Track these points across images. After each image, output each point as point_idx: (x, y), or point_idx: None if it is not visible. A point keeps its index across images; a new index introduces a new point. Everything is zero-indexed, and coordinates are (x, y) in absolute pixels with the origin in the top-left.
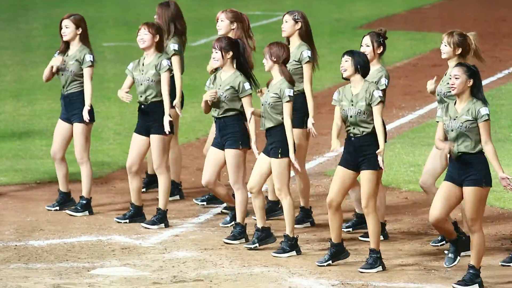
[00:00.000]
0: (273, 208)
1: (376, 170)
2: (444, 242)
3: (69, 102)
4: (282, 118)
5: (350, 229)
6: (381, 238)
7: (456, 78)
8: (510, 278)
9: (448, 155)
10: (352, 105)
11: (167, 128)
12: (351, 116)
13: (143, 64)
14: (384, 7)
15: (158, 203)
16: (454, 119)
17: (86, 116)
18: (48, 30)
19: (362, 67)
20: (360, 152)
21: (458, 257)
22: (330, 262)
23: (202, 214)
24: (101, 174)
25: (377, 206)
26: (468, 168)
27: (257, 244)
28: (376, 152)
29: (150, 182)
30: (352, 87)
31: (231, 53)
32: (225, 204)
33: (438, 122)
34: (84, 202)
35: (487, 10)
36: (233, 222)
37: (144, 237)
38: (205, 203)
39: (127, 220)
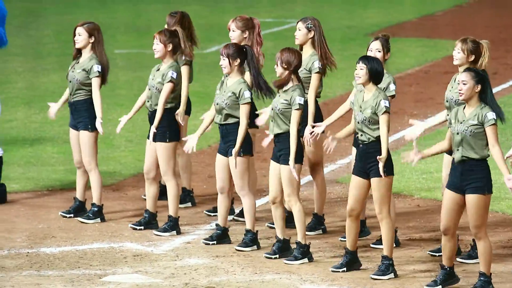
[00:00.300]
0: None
1: (386, 177)
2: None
3: (75, 110)
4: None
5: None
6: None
7: (464, 84)
8: None
9: (451, 161)
10: (361, 111)
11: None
12: (358, 122)
13: (157, 70)
14: (396, 14)
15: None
16: (461, 123)
17: (100, 129)
18: (59, 37)
19: (377, 75)
20: (368, 159)
21: (440, 287)
22: (345, 269)
23: (214, 222)
24: (113, 181)
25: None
26: (470, 176)
27: (277, 255)
28: (377, 157)
29: (165, 191)
30: (365, 93)
31: (238, 60)
32: (237, 211)
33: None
34: (96, 209)
35: (499, 17)
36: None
37: (156, 244)
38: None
39: (142, 227)
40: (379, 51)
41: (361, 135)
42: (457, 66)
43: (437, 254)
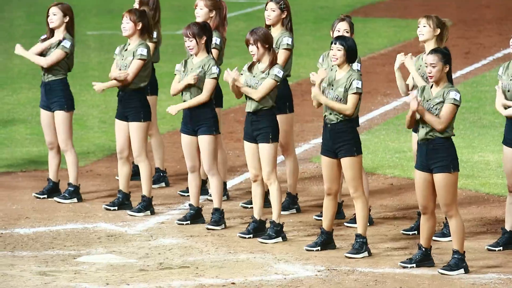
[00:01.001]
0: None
1: (354, 156)
2: (416, 232)
3: (50, 90)
4: (271, 101)
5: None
6: None
7: (433, 67)
8: (496, 262)
9: (417, 142)
10: (332, 89)
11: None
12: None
13: (125, 50)
14: None
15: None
16: (427, 101)
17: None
18: (31, 19)
19: (353, 54)
20: (336, 139)
21: (414, 265)
22: (319, 248)
23: (187, 201)
24: (87, 162)
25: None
26: (435, 154)
27: (251, 235)
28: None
29: (138, 172)
30: (337, 72)
31: (204, 38)
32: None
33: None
34: (72, 189)
35: None
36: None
37: (130, 225)
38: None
39: (116, 207)
40: (347, 32)
41: (330, 113)
42: (424, 42)
43: (410, 233)
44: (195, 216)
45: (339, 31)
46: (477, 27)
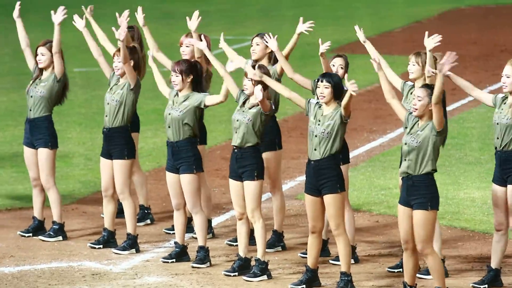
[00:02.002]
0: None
1: (337, 193)
2: (401, 269)
3: (34, 127)
4: (256, 138)
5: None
6: (352, 261)
7: (419, 100)
8: None
9: (400, 180)
10: (319, 124)
11: None
12: (315, 136)
13: (116, 84)
14: (354, 31)
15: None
16: (411, 134)
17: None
18: (17, 56)
19: (340, 91)
20: (320, 176)
21: None
22: (304, 286)
23: (173, 239)
24: (72, 200)
25: (347, 229)
26: (414, 191)
27: (236, 273)
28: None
29: (122, 209)
30: (325, 109)
31: (191, 76)
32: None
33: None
34: (57, 227)
35: (458, 33)
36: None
37: (115, 263)
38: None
39: (101, 246)
40: (341, 68)
41: (315, 149)
42: (413, 81)
43: (395, 270)
44: (180, 254)
45: (334, 65)
46: (463, 63)
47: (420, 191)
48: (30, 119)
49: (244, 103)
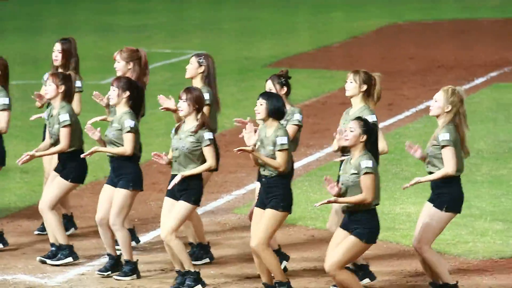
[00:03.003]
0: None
1: (278, 211)
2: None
3: None
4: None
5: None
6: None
7: (350, 131)
8: None
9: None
10: (263, 147)
11: None
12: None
13: (51, 116)
14: (293, 45)
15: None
16: (345, 174)
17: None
18: None
19: (276, 111)
20: (268, 193)
21: None
22: None
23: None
24: (7, 213)
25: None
26: (353, 218)
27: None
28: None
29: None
30: (267, 129)
31: (127, 93)
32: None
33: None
34: None
35: (395, 48)
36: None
37: (50, 276)
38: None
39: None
40: (271, 90)
41: (263, 170)
42: (349, 98)
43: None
44: (114, 265)
45: (270, 89)
46: (401, 78)
47: (361, 222)
48: None
49: (177, 129)
